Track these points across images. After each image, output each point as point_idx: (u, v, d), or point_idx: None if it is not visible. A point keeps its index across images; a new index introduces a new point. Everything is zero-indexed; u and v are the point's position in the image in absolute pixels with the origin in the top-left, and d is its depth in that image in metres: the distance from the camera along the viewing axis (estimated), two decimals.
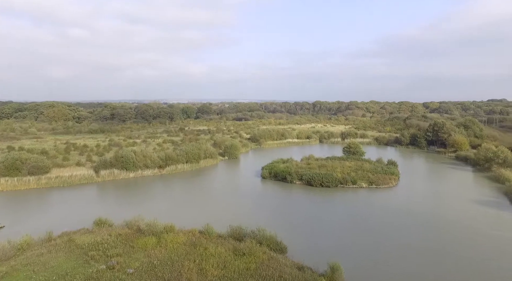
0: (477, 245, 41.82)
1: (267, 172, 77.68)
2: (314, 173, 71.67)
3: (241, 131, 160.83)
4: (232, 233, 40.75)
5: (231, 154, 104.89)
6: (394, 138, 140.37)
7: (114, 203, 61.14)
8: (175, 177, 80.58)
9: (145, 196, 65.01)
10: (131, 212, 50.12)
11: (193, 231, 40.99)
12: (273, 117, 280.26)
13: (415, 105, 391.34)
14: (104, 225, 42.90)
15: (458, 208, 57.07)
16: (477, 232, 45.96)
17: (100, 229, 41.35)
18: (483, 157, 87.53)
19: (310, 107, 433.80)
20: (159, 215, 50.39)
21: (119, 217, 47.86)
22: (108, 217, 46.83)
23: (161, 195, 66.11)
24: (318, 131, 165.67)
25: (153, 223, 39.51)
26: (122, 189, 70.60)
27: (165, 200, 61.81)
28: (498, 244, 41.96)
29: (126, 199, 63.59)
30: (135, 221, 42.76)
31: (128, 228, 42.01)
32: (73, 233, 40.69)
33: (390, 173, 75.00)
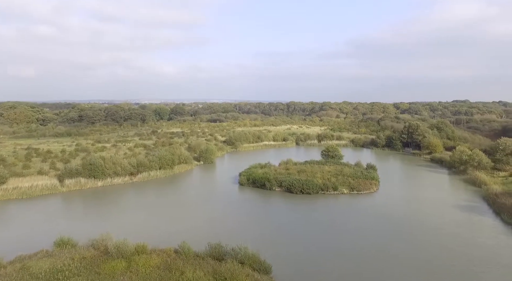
0: (465, 254, 40.48)
1: (245, 179, 74.54)
2: (294, 180, 69.21)
3: (216, 134, 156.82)
4: (211, 252, 37.34)
5: (207, 158, 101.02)
6: (370, 140, 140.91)
7: (79, 216, 56.00)
8: (147, 185, 75.90)
9: (114, 208, 60.30)
10: (98, 227, 45.67)
11: (167, 251, 37.24)
12: (248, 118, 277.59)
13: (387, 106, 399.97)
14: (67, 245, 38.26)
15: (441, 214, 56.14)
16: (464, 241, 44.75)
17: (62, 251, 36.74)
18: (458, 159, 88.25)
19: (284, 107, 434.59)
20: (130, 230, 46.34)
21: (84, 234, 43.33)
22: (72, 234, 42.24)
23: (132, 206, 61.52)
24: (294, 133, 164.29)
25: (123, 244, 35.44)
26: (90, 199, 65.37)
27: (136, 212, 57.34)
28: (487, 253, 40.81)
29: (94, 212, 58.61)
30: (102, 240, 38.48)
31: (94, 248, 37.67)
32: (29, 257, 35.86)
33: (370, 178, 73.74)
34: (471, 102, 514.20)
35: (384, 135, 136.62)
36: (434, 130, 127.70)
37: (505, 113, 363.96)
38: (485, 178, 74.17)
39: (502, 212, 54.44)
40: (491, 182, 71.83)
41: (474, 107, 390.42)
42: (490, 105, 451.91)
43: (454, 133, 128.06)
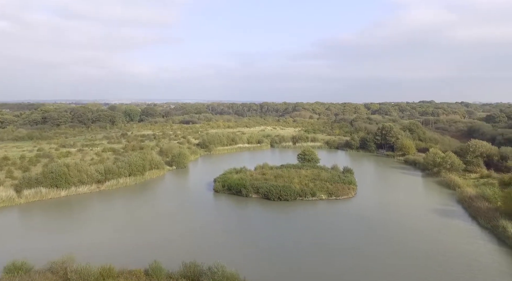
0: (447, 262, 39.55)
1: (220, 185, 71.51)
2: (271, 186, 66.92)
3: (189, 136, 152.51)
4: (185, 271, 34.30)
5: (179, 163, 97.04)
6: (345, 141, 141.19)
7: (37, 233, 50.90)
8: (116, 193, 71.27)
9: (78, 221, 55.62)
10: (59, 246, 41.52)
11: (137, 273, 33.85)
12: (221, 119, 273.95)
13: (358, 107, 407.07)
14: (20, 271, 33.90)
15: (419, 219, 55.54)
16: (444, 247, 43.96)
17: (14, 279, 32.50)
18: (431, 162, 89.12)
19: (257, 108, 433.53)
20: (95, 247, 42.44)
21: (42, 254, 39.06)
22: (28, 255, 37.93)
23: (99, 218, 57.06)
24: (268, 135, 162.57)
25: (85, 269, 31.72)
26: (51, 212, 60.20)
27: (103, 226, 53.07)
28: (468, 260, 40.06)
29: (54, 227, 53.66)
30: (62, 262, 34.55)
31: (53, 273, 33.69)
32: None
33: (348, 182, 72.66)
34: (436, 103, 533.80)
35: (358, 136, 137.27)
36: (406, 132, 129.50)
37: (468, 113, 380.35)
38: (459, 181, 74.92)
39: (478, 216, 54.50)
40: (464, 185, 72.54)
41: (440, 107, 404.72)
42: (453, 105, 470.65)
43: (425, 134, 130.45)
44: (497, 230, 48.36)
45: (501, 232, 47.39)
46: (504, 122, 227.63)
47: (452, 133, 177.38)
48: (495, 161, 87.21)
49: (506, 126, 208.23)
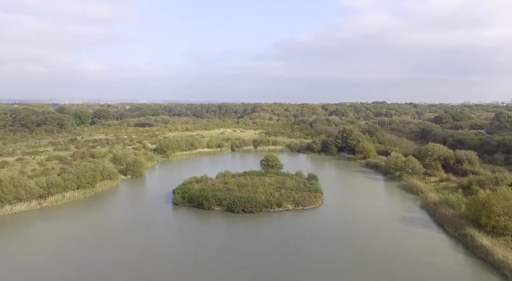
0: (426, 278, 38.07)
1: (180, 197, 66.36)
2: (235, 197, 62.99)
3: (145, 141, 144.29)
4: None
5: (135, 171, 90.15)
6: (306, 144, 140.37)
7: None
8: (61, 210, 63.60)
9: (8, 248, 47.97)
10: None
11: None
12: (179, 121, 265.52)
13: (316, 107, 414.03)
14: None
15: (388, 229, 54.37)
16: (418, 260, 42.62)
17: None
18: (393, 165, 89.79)
19: (216, 109, 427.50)
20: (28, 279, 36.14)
21: None
22: None
23: (37, 242, 49.74)
24: (228, 138, 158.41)
25: None
26: None
27: (39, 252, 46.17)
28: (446, 276, 38.79)
29: None
30: None
31: None
32: None
33: (314, 190, 70.54)
34: (388, 104, 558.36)
35: (320, 139, 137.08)
36: (366, 135, 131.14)
37: (417, 114, 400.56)
38: (421, 186, 75.59)
39: (444, 224, 54.31)
40: (426, 189, 73.23)
41: (392, 108, 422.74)
42: (404, 106, 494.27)
43: (384, 137, 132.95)
44: (465, 239, 48.02)
45: (469, 241, 47.05)
46: (450, 123, 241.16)
47: (407, 134, 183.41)
48: (451, 164, 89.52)
49: (452, 127, 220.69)
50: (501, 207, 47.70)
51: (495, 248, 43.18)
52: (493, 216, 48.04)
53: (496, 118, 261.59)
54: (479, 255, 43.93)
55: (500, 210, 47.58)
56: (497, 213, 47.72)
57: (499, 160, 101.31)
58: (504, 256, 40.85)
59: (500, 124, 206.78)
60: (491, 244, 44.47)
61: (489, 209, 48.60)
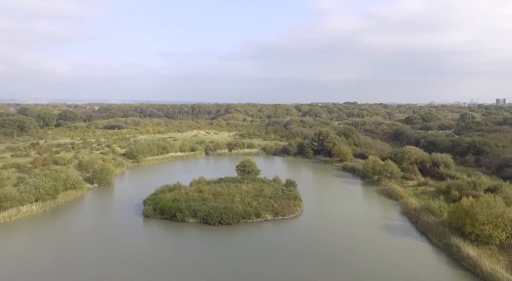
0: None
1: (151, 208, 61.71)
2: (211, 208, 59.16)
3: (114, 145, 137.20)
4: None
5: (102, 180, 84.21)
6: (282, 147, 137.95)
7: None
8: (14, 227, 57.18)
9: None
10: None
11: None
12: (151, 122, 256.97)
13: (289, 108, 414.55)
14: None
15: (370, 239, 52.33)
16: (407, 275, 40.60)
17: None
18: (371, 169, 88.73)
19: (189, 110, 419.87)
20: None
21: None
22: None
23: None
24: (202, 141, 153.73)
25: None
26: None
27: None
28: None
29: None
30: None
31: None
32: None
33: (293, 197, 67.82)
34: (359, 104, 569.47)
35: (295, 142, 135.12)
36: (342, 137, 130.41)
37: (388, 114, 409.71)
38: (401, 191, 74.58)
39: (428, 232, 52.94)
40: (406, 194, 72.26)
41: (364, 109, 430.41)
42: (375, 107, 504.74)
43: (360, 139, 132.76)
44: (450, 250, 46.60)
45: (455, 252, 45.64)
46: (420, 124, 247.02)
47: (380, 135, 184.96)
48: (427, 167, 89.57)
49: (422, 127, 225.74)
50: (485, 215, 46.66)
51: (482, 259, 41.87)
52: (477, 224, 46.94)
53: (461, 118, 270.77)
54: (466, 267, 42.46)
55: (484, 219, 46.53)
56: (481, 221, 46.65)
57: (470, 161, 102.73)
58: (493, 269, 39.52)
59: (466, 125, 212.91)
60: (477, 255, 43.18)
61: (473, 217, 47.49)
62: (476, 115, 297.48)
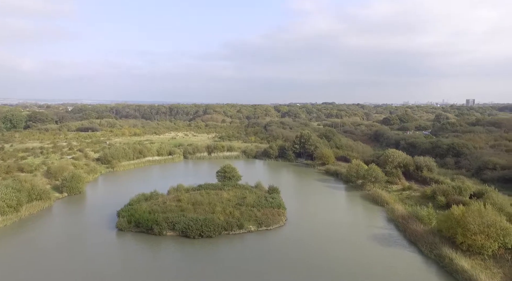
0: None
1: (126, 221, 57.15)
2: (190, 220, 55.28)
3: (87, 149, 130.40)
4: None
5: (73, 188, 78.52)
6: (263, 150, 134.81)
7: None
8: None
9: None
10: None
11: None
12: (127, 124, 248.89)
13: (268, 109, 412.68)
14: None
15: (359, 249, 49.96)
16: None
17: None
18: (355, 174, 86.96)
19: (166, 110, 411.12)
20: None
21: None
22: None
23: None
24: (180, 144, 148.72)
25: None
26: None
27: None
28: None
29: None
30: None
31: None
32: None
33: (276, 206, 64.76)
34: (337, 104, 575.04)
35: (277, 145, 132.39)
36: (323, 139, 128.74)
37: (365, 115, 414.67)
38: (386, 196, 72.85)
39: (418, 242, 50.99)
40: (391, 200, 70.61)
41: (342, 110, 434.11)
42: (352, 107, 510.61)
43: (341, 141, 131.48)
44: (443, 262, 44.66)
45: (447, 264, 43.73)
46: (398, 124, 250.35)
47: (360, 137, 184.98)
48: (411, 171, 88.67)
49: (400, 128, 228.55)
50: (477, 225, 45.07)
51: (477, 273, 40.11)
52: (469, 234, 45.30)
53: (436, 119, 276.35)
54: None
55: (476, 228, 44.91)
56: (473, 231, 45.01)
57: (450, 163, 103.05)
58: None
59: (442, 125, 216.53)
60: (471, 268, 41.43)
61: (465, 227, 45.85)
62: (449, 115, 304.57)
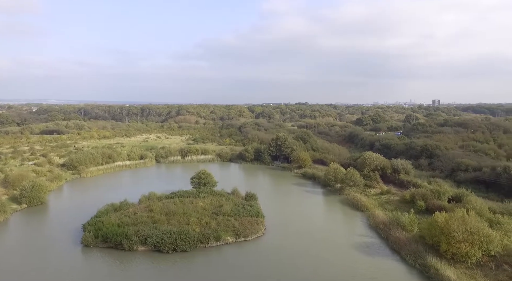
0: None
1: (92, 236, 52.50)
2: (163, 233, 51.44)
3: (51, 154, 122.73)
4: None
5: (33, 199, 72.30)
6: (238, 153, 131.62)
7: None
8: None
9: None
10: None
11: None
12: (96, 126, 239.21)
13: (242, 109, 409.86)
14: None
15: (340, 259, 48.05)
16: None
17: None
18: (333, 177, 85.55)
19: (138, 111, 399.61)
20: None
21: None
22: None
23: None
24: (152, 147, 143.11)
25: None
26: None
27: None
28: None
29: None
30: None
31: None
32: None
33: (255, 214, 61.96)
34: (310, 105, 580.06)
35: (252, 148, 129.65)
36: (299, 141, 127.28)
37: (338, 115, 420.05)
38: (365, 201, 71.62)
39: (401, 250, 49.53)
40: (371, 205, 69.42)
41: (316, 110, 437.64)
42: (325, 107, 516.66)
43: (317, 144, 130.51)
44: (428, 272, 43.30)
45: (433, 274, 42.37)
46: (370, 125, 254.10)
47: (334, 138, 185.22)
48: (388, 174, 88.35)
49: (373, 129, 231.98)
50: (461, 232, 44.10)
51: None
52: (453, 242, 44.26)
53: (407, 119, 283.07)
54: None
55: (460, 236, 43.91)
56: (457, 239, 43.99)
57: (424, 165, 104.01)
58: None
59: (413, 126, 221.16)
60: (457, 278, 40.27)
61: (449, 235, 44.79)
62: (419, 116, 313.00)
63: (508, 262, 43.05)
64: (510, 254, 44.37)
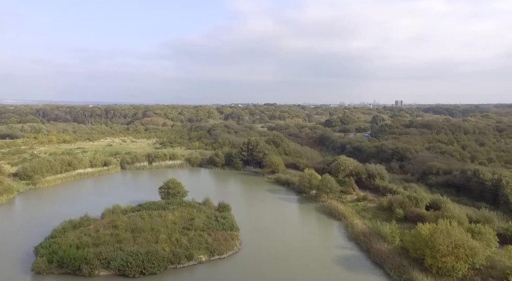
0: None
1: (46, 260, 46.28)
2: (129, 255, 46.24)
3: (1, 161, 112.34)
4: None
5: None
6: (208, 158, 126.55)
7: None
8: None
9: None
10: None
11: None
12: (55, 129, 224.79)
13: (211, 111, 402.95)
14: None
15: (319, 275, 45.15)
16: None
17: None
18: (308, 184, 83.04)
19: (102, 113, 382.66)
20: None
21: None
22: None
23: None
24: (117, 152, 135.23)
25: None
26: None
27: None
28: None
29: None
30: None
31: None
32: None
33: (229, 227, 57.96)
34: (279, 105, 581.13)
35: (223, 152, 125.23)
36: (271, 145, 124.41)
37: (307, 116, 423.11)
38: (342, 209, 69.43)
39: (384, 264, 47.34)
40: (348, 213, 67.31)
41: (285, 111, 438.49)
42: (294, 108, 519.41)
43: (290, 147, 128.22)
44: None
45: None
46: (339, 126, 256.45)
47: (305, 140, 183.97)
48: (363, 179, 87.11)
49: (342, 130, 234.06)
50: (446, 246, 42.41)
51: None
52: (439, 256, 42.53)
53: (374, 120, 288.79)
54: None
55: (445, 250, 42.23)
56: (443, 253, 42.30)
57: (395, 168, 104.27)
58: None
59: (380, 127, 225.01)
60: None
61: (434, 248, 42.99)
62: (385, 117, 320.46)
63: (493, 275, 41.87)
64: (494, 266, 43.26)
